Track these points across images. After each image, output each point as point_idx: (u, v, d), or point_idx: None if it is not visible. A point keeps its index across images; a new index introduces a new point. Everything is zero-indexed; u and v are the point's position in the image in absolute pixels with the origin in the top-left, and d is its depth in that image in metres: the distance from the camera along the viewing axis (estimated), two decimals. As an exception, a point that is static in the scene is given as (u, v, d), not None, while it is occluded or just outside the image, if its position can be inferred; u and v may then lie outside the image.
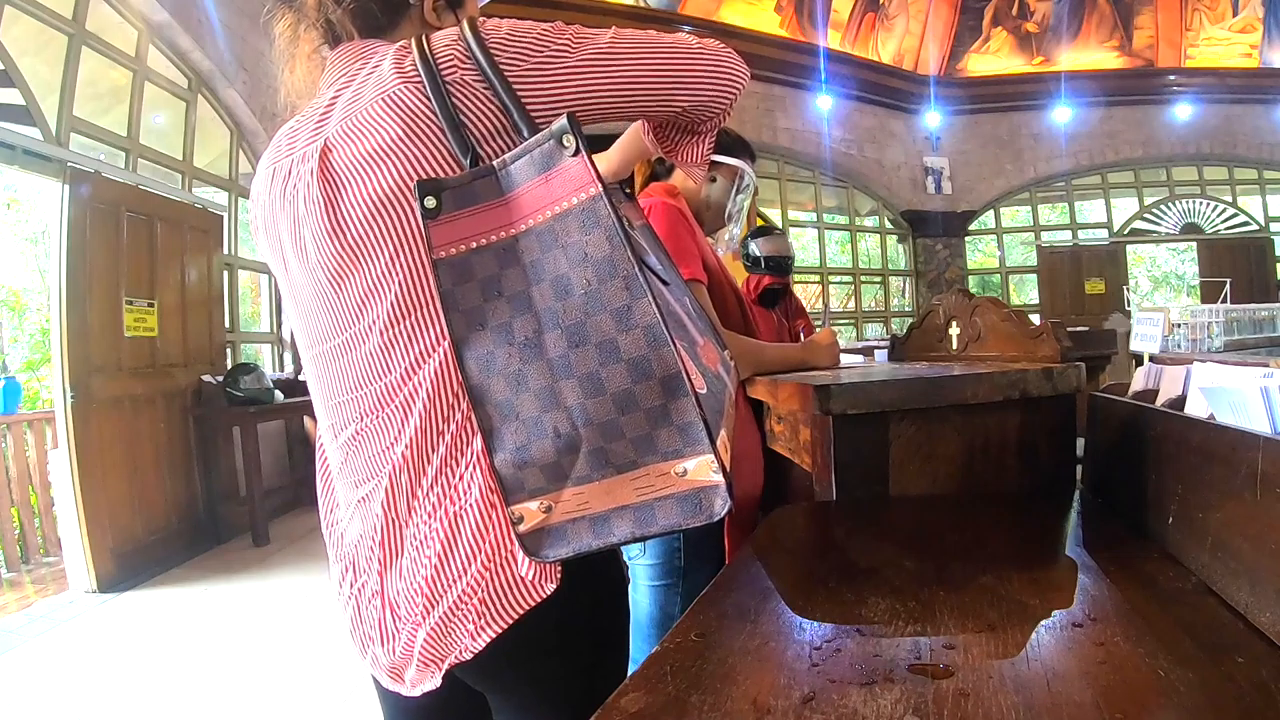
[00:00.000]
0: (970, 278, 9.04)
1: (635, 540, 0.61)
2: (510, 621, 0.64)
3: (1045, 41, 8.58)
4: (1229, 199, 8.74)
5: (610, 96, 0.67)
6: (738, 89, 0.75)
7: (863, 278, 8.66)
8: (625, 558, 1.34)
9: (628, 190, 0.82)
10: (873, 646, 0.55)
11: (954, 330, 1.42)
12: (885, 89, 8.38)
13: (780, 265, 3.23)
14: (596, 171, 0.59)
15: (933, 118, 8.55)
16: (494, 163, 0.61)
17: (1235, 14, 8.30)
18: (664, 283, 0.67)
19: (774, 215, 7.82)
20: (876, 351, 3.19)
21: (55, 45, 3.64)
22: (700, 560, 1.27)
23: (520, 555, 0.63)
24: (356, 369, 0.69)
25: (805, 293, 8.19)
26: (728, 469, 0.59)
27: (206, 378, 4.20)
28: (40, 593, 3.55)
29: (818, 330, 1.52)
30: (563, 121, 0.59)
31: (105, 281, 3.59)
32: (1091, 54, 8.61)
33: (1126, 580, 0.67)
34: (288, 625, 2.93)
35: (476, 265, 0.60)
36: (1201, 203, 8.72)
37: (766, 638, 0.60)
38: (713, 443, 0.58)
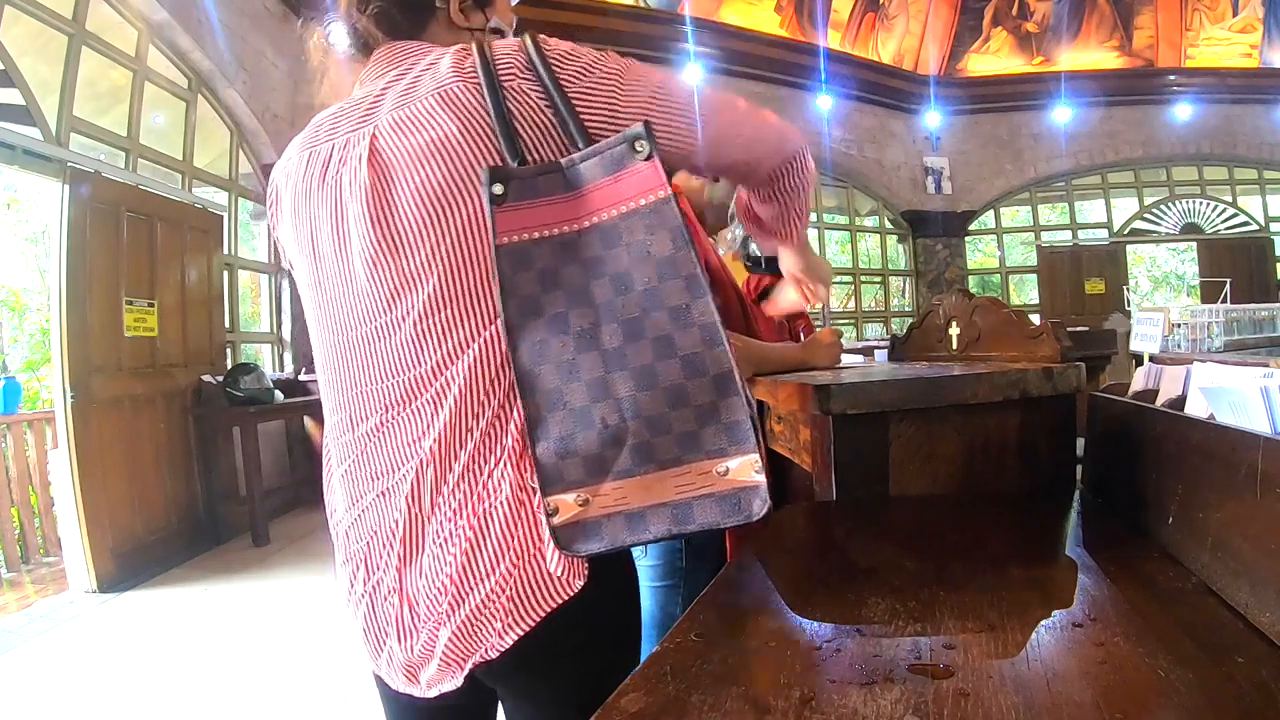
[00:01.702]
0: (970, 278, 9.04)
1: (669, 538, 0.62)
2: (538, 619, 0.64)
3: (1045, 41, 8.58)
4: (1229, 199, 8.74)
5: (659, 124, 0.68)
6: (791, 158, 0.80)
7: (863, 278, 8.66)
8: (626, 557, 1.34)
9: None
10: (873, 646, 0.55)
11: (954, 330, 1.42)
12: (885, 89, 8.38)
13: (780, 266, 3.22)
14: (667, 176, 0.62)
15: (933, 118, 8.55)
16: (561, 160, 0.64)
17: (1235, 14, 8.30)
18: None
19: (774, 215, 7.81)
20: (876, 351, 3.19)
21: (55, 45, 3.64)
22: (701, 561, 1.27)
23: (549, 552, 0.63)
24: (385, 359, 0.68)
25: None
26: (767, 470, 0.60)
27: (206, 378, 4.20)
28: (40, 593, 3.55)
29: (818, 330, 1.52)
30: (639, 128, 0.63)
31: (105, 281, 3.59)
32: (1091, 54, 8.61)
33: (1126, 580, 0.67)
34: (288, 625, 2.93)
35: (535, 255, 0.62)
36: (1201, 203, 8.72)
37: (766, 638, 0.60)
38: (759, 443, 0.59)
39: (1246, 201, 8.76)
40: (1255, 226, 8.64)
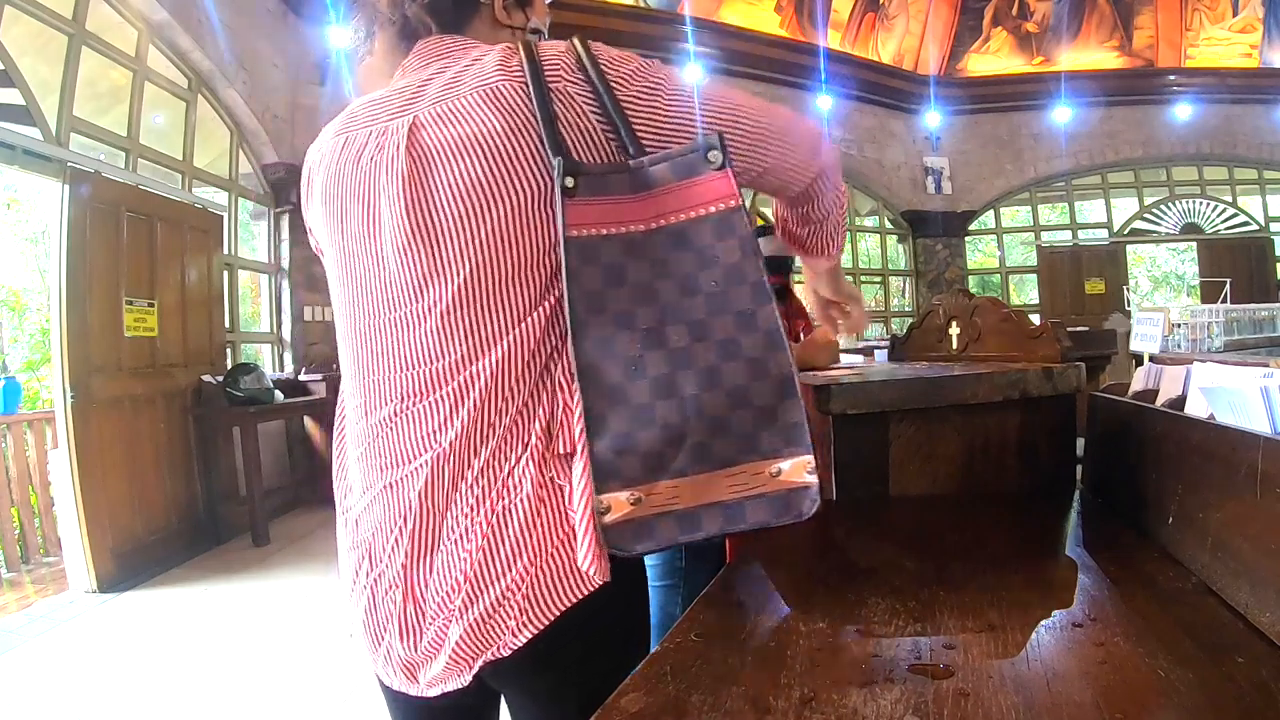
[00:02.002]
0: (970, 278, 9.04)
1: (718, 537, 0.63)
2: (553, 618, 0.64)
3: (1045, 41, 8.58)
4: (1229, 199, 8.74)
5: (705, 129, 0.69)
6: (821, 162, 0.79)
7: (863, 278, 8.66)
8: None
9: None
10: (873, 646, 0.55)
11: (954, 330, 1.42)
12: (885, 89, 8.37)
13: (780, 265, 3.23)
14: (738, 187, 0.64)
15: (933, 118, 8.54)
16: (631, 161, 0.65)
17: (1235, 14, 8.30)
18: None
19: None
20: (876, 351, 3.19)
21: (55, 45, 3.64)
22: (701, 560, 1.27)
23: (580, 548, 0.63)
24: (408, 348, 0.68)
25: (805, 293, 8.18)
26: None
27: (206, 378, 4.20)
28: (40, 593, 3.55)
29: (816, 329, 1.52)
30: (713, 139, 0.65)
31: (105, 281, 3.59)
32: (1091, 54, 8.60)
33: (1126, 580, 0.67)
34: (288, 625, 2.93)
35: (604, 251, 0.63)
36: (1201, 203, 8.71)
37: (766, 638, 0.60)
38: (812, 444, 0.61)
39: (1246, 201, 8.76)
40: (1255, 226, 8.64)
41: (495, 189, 0.65)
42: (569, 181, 0.62)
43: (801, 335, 2.37)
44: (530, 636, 0.64)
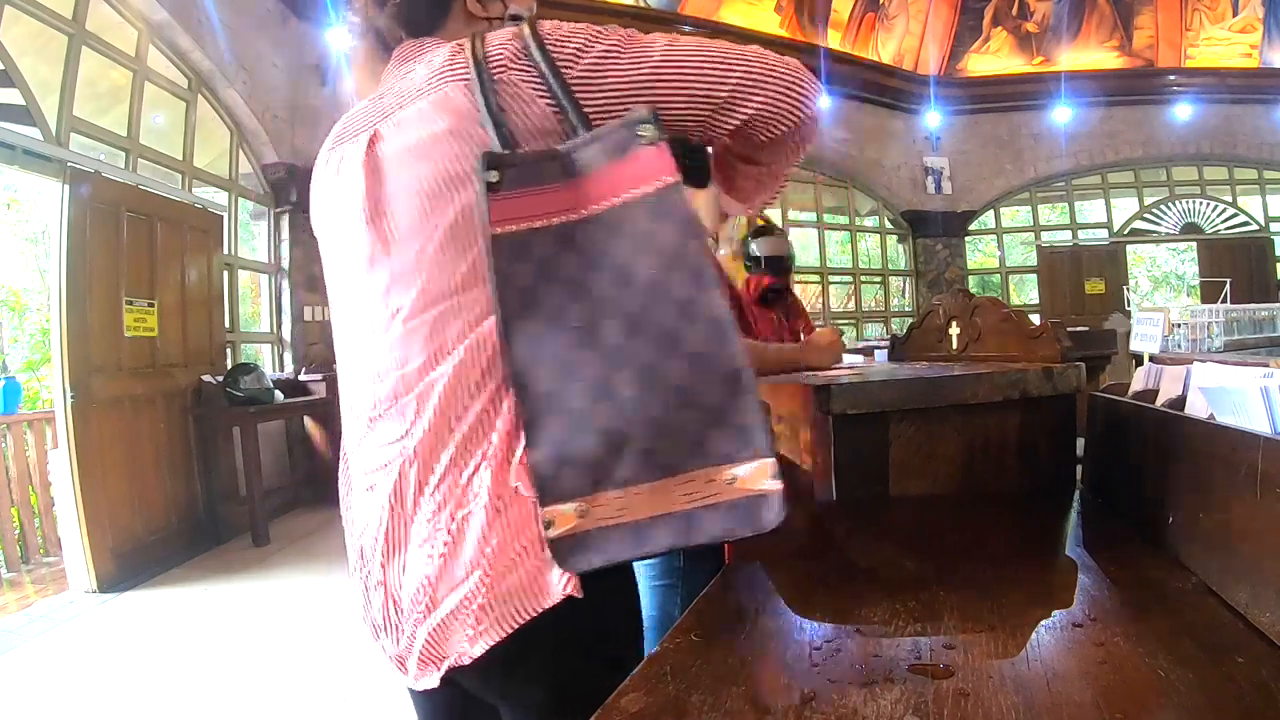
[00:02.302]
0: (970, 278, 9.04)
1: (675, 550, 0.58)
2: (508, 631, 0.62)
3: (1045, 41, 8.58)
4: (1229, 199, 8.74)
5: (664, 97, 0.65)
6: (799, 100, 0.68)
7: (863, 278, 8.66)
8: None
9: None
10: (873, 646, 0.55)
11: (954, 330, 1.42)
12: (885, 89, 8.37)
13: (780, 266, 3.23)
14: (673, 162, 0.58)
15: (933, 118, 8.54)
16: (561, 146, 0.61)
17: (1235, 14, 8.30)
18: None
19: (774, 215, 7.82)
20: (876, 351, 3.19)
21: (55, 45, 3.64)
22: (700, 561, 1.27)
23: (526, 561, 0.61)
24: (378, 356, 0.69)
25: (805, 293, 8.19)
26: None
27: (206, 378, 4.20)
28: (40, 593, 3.55)
29: (818, 330, 1.52)
30: (642, 112, 0.60)
31: (105, 281, 3.59)
32: (1091, 54, 8.60)
33: (1126, 580, 0.67)
34: (288, 625, 2.93)
35: (535, 245, 0.59)
36: (1201, 203, 8.71)
37: (766, 638, 0.60)
38: (772, 447, 0.55)
39: (1246, 201, 8.76)
40: (1255, 226, 8.64)
41: (445, 194, 0.64)
42: (492, 176, 0.59)
43: (802, 335, 2.37)
44: (488, 647, 0.62)
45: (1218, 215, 8.69)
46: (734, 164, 0.79)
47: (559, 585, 0.60)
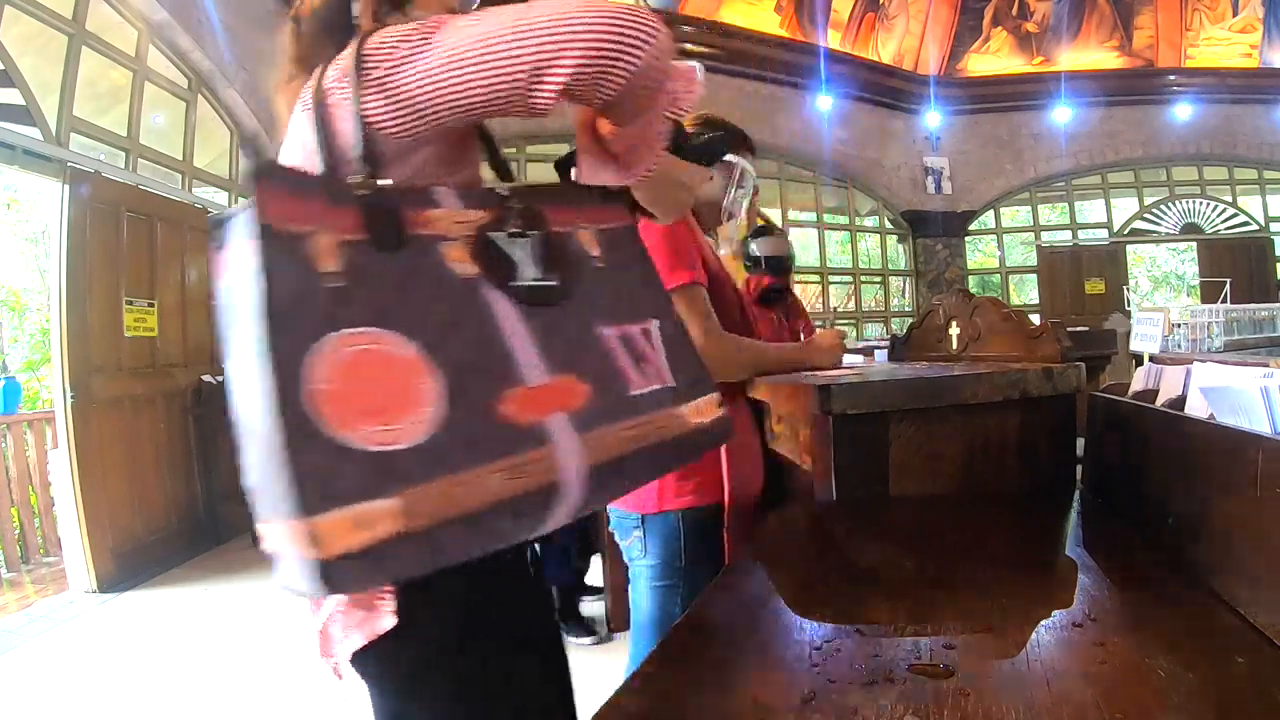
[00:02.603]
0: (970, 278, 9.03)
1: None
2: (350, 654, 0.66)
3: (1045, 41, 8.58)
4: (1229, 199, 8.74)
5: (461, 88, 0.59)
6: (623, 49, 0.57)
7: (863, 278, 8.66)
8: (627, 558, 1.34)
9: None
10: (873, 646, 0.55)
11: (954, 330, 1.42)
12: (885, 89, 8.37)
13: (780, 265, 3.23)
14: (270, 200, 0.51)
15: (933, 118, 8.54)
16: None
17: (1235, 14, 8.30)
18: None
19: (774, 215, 7.82)
20: (876, 351, 3.19)
21: (55, 45, 3.64)
22: (700, 561, 1.27)
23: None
24: None
25: (805, 293, 8.19)
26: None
27: (206, 378, 4.20)
28: (40, 593, 3.55)
29: (819, 330, 1.51)
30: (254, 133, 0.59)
31: (105, 281, 3.59)
32: (1091, 54, 8.60)
33: (1126, 580, 0.67)
34: (288, 625, 2.93)
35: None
36: (1201, 203, 8.71)
37: (766, 638, 0.60)
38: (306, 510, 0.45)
39: (1246, 201, 8.75)
40: (1255, 226, 8.64)
41: None
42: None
43: (802, 335, 2.37)
44: (352, 652, 0.66)
45: (1218, 215, 8.69)
46: (599, 134, 0.71)
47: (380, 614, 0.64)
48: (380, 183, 0.57)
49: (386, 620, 0.63)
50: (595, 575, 2.83)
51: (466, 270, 0.57)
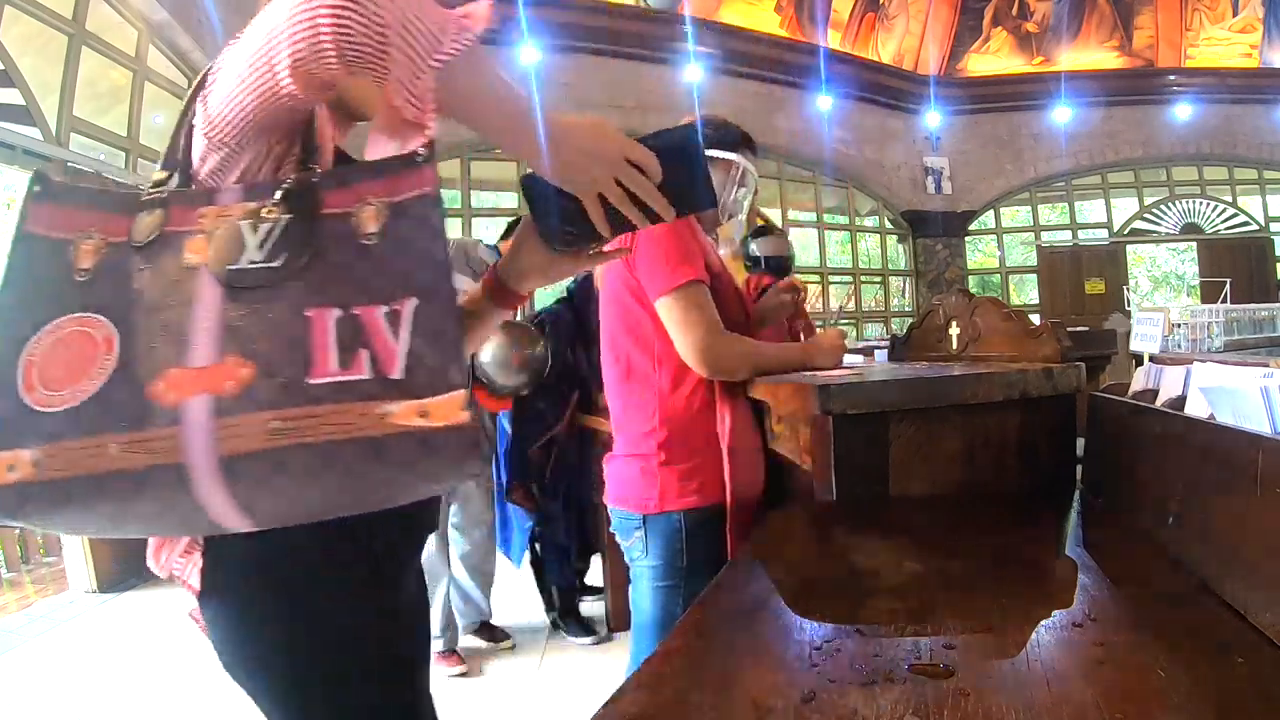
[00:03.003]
0: (970, 278, 9.04)
1: None
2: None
3: (1045, 41, 8.58)
4: (1229, 199, 8.74)
5: (237, 95, 0.63)
6: (314, 30, 0.56)
7: (863, 278, 8.66)
8: (629, 559, 1.34)
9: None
10: (873, 646, 0.55)
11: (954, 330, 1.42)
12: (885, 89, 8.37)
13: (780, 266, 3.23)
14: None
15: (933, 118, 8.54)
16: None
17: (1235, 14, 8.30)
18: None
19: (774, 215, 7.82)
20: (876, 351, 3.19)
21: (55, 45, 3.64)
22: (701, 561, 1.27)
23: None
24: None
25: (805, 293, 8.18)
26: None
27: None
28: (40, 593, 3.55)
29: (820, 330, 1.51)
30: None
31: (105, 281, 3.59)
32: (1091, 54, 8.61)
33: (1126, 580, 0.67)
34: (288, 625, 2.93)
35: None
36: (1201, 203, 8.71)
37: (766, 638, 0.60)
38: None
39: (1246, 201, 8.76)
40: (1255, 226, 8.64)
41: None
42: (36, 186, 0.64)
43: (802, 335, 2.37)
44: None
45: (1218, 215, 8.69)
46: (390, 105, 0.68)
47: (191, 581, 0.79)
48: (165, 189, 0.65)
49: (194, 579, 0.75)
50: (595, 575, 2.83)
51: (193, 260, 0.60)
